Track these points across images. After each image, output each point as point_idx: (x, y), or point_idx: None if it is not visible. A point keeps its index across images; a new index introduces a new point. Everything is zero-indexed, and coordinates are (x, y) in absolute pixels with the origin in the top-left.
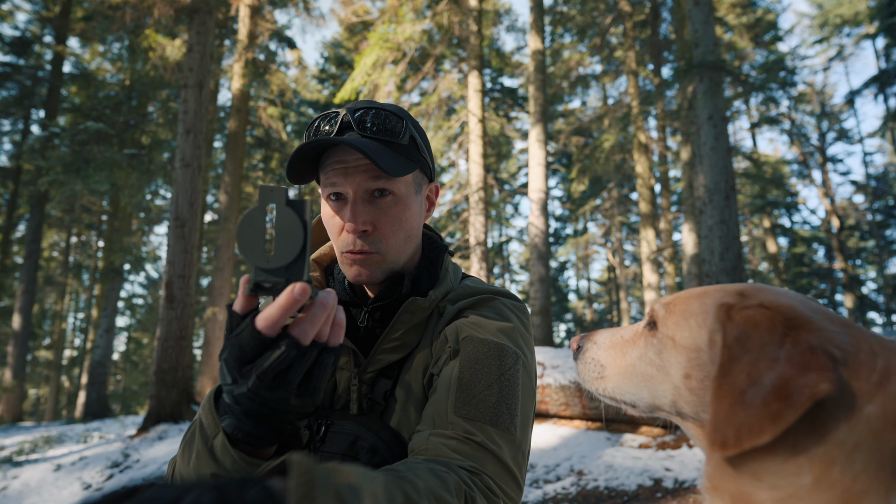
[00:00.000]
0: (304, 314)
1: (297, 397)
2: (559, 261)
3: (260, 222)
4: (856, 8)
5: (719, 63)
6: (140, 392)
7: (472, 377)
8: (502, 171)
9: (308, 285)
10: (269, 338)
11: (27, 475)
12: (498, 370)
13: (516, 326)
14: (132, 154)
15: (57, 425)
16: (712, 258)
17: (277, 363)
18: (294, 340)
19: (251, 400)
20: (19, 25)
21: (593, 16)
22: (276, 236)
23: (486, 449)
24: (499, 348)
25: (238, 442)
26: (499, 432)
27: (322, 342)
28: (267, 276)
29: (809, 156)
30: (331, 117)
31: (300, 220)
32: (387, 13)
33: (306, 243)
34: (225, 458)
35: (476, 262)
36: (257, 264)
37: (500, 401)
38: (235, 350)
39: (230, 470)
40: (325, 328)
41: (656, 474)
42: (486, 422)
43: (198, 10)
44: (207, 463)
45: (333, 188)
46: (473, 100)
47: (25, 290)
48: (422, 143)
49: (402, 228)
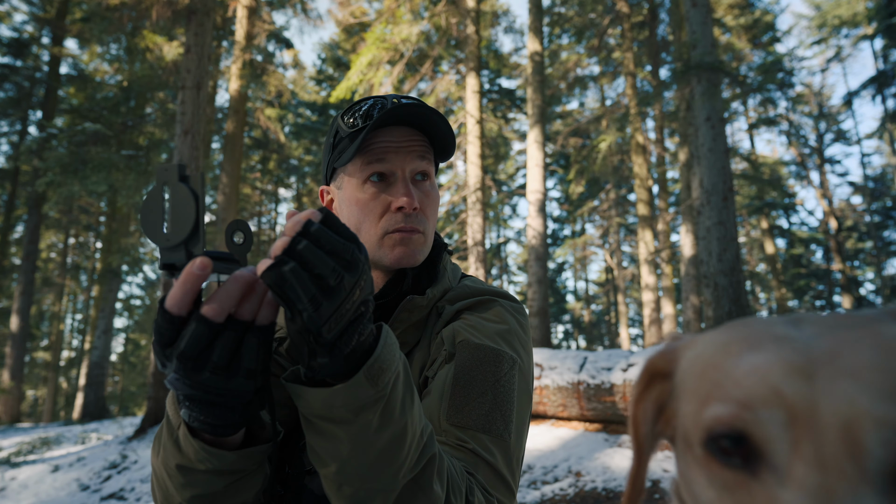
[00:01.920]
0: (216, 290)
1: (227, 379)
2: (557, 262)
3: (158, 202)
4: (854, 9)
5: (717, 64)
6: (138, 393)
7: (467, 384)
8: (500, 173)
9: (206, 259)
10: (177, 317)
11: (25, 476)
12: (493, 376)
13: (513, 329)
14: (130, 155)
15: (55, 426)
16: (710, 259)
17: (191, 343)
18: (203, 317)
19: (182, 384)
20: (16, 27)
21: (591, 17)
22: (171, 213)
23: (478, 456)
24: (495, 354)
25: (198, 432)
26: (492, 439)
27: (244, 319)
28: (170, 254)
29: (807, 157)
30: (383, 99)
31: (192, 193)
32: (384, 14)
33: (199, 216)
34: (188, 448)
35: (474, 264)
36: (158, 244)
37: (494, 408)
38: (155, 334)
39: (194, 460)
40: (248, 305)
41: (654, 475)
42: (479, 429)
43: (195, 12)
44: (173, 454)
45: (380, 166)
46: (471, 101)
47: (23, 291)
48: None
49: (436, 213)
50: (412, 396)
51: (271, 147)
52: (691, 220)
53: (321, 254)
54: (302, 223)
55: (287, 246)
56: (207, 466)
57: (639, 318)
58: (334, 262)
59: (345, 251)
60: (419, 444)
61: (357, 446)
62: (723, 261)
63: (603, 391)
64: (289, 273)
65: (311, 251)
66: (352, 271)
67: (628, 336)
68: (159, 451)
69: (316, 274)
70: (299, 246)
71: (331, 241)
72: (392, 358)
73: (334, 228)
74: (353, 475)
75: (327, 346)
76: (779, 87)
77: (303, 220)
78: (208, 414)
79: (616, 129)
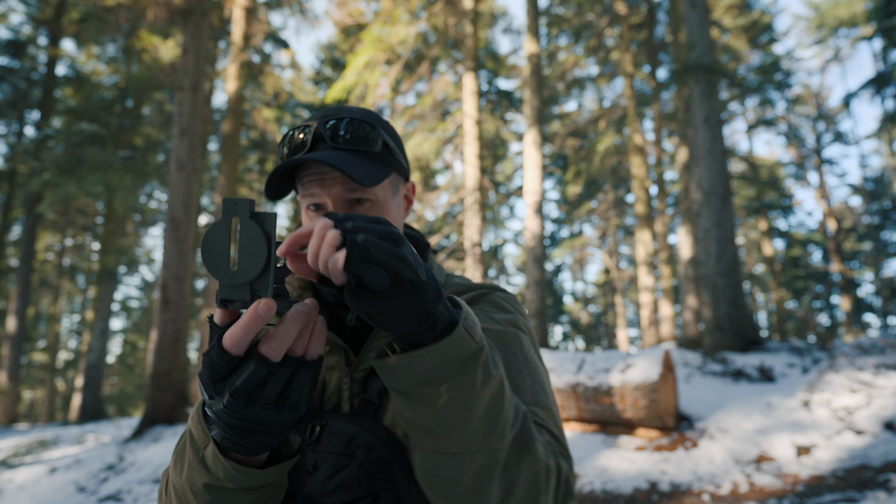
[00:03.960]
0: (275, 329)
1: (276, 412)
2: (555, 263)
3: (224, 236)
4: (852, 10)
5: (715, 65)
6: (135, 395)
7: (504, 364)
8: (498, 174)
9: (272, 301)
10: (236, 357)
11: (22, 477)
12: (521, 354)
13: (517, 316)
14: (126, 156)
15: (52, 428)
16: (708, 260)
17: (248, 382)
18: (263, 358)
19: (229, 415)
20: (13, 27)
21: (589, 18)
22: (240, 251)
23: (542, 426)
24: (514, 335)
25: (228, 451)
26: (542, 411)
27: (297, 356)
28: (232, 291)
29: (806, 158)
30: (302, 130)
31: (264, 234)
32: (381, 15)
33: (270, 258)
34: (217, 467)
35: (472, 265)
36: (222, 280)
37: (533, 382)
38: (207, 368)
39: (222, 479)
40: (301, 342)
41: (652, 477)
42: (530, 403)
43: (192, 13)
44: (200, 473)
45: (312, 199)
46: (469, 102)
47: (20, 292)
48: (394, 145)
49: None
50: (496, 351)
51: (268, 148)
52: (690, 221)
53: (360, 220)
54: (325, 221)
55: (339, 231)
56: (237, 485)
57: (637, 320)
58: (373, 221)
59: (368, 217)
60: (513, 399)
61: (464, 406)
62: (721, 262)
63: (601, 392)
64: (365, 242)
65: (355, 221)
66: (389, 224)
67: (626, 337)
68: (182, 469)
69: (376, 231)
70: (347, 224)
71: (350, 214)
72: (472, 312)
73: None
74: (462, 439)
75: (436, 292)
76: (777, 87)
77: (324, 221)
78: (247, 440)
79: (614, 130)
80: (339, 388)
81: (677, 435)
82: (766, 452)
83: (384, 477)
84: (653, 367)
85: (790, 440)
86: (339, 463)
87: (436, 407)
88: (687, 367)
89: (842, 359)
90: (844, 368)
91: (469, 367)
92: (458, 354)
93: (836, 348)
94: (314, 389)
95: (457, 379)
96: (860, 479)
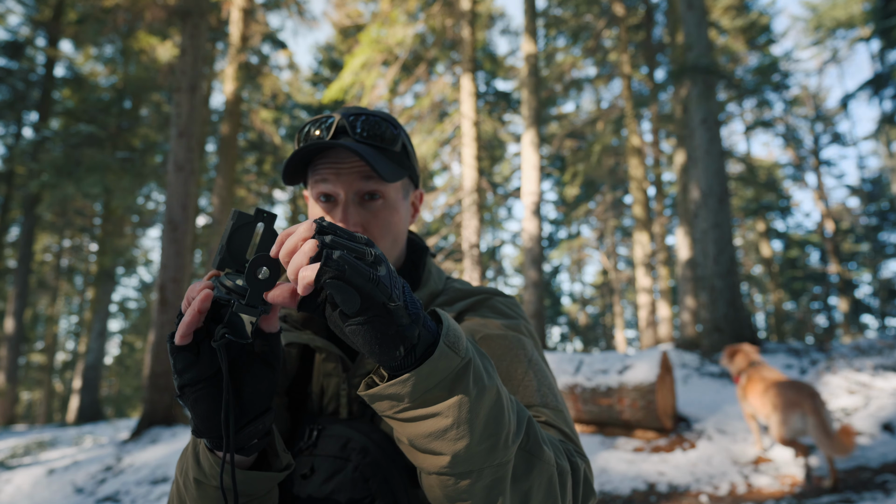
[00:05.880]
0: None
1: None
2: (553, 264)
3: (247, 235)
4: (850, 11)
5: (713, 66)
6: (133, 396)
7: (508, 369)
8: (496, 175)
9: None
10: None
11: (20, 479)
12: (525, 356)
13: (519, 320)
14: (124, 157)
15: (50, 429)
16: (706, 262)
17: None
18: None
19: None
20: (11, 28)
21: (587, 19)
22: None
23: (551, 426)
24: (517, 339)
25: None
26: (551, 412)
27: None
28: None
29: (803, 159)
30: (324, 121)
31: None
32: (379, 16)
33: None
34: (205, 462)
35: (469, 266)
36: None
37: (541, 383)
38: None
39: (208, 475)
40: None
41: (650, 478)
42: (539, 405)
43: (190, 14)
44: (192, 467)
45: (324, 187)
46: (467, 103)
47: (18, 293)
48: (411, 151)
49: (390, 233)
50: (489, 360)
51: (266, 149)
52: (687, 223)
53: (342, 236)
54: (309, 224)
55: (317, 242)
56: (218, 483)
57: (635, 321)
58: (354, 240)
59: (351, 234)
60: (514, 407)
61: (462, 423)
62: (719, 263)
63: (599, 394)
64: (340, 259)
65: (336, 235)
66: (371, 244)
67: (624, 338)
68: (184, 462)
69: (354, 250)
70: (326, 237)
71: (336, 227)
72: (456, 324)
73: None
74: (463, 458)
75: (412, 315)
76: (775, 89)
77: (308, 224)
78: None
79: (612, 132)
80: (338, 393)
81: (675, 436)
82: (763, 454)
83: (380, 480)
84: (651, 369)
85: None
86: (335, 466)
87: (431, 429)
88: (685, 369)
89: (840, 360)
90: (842, 370)
91: (459, 384)
92: (444, 374)
93: (834, 349)
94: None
95: (449, 398)
96: (858, 480)
